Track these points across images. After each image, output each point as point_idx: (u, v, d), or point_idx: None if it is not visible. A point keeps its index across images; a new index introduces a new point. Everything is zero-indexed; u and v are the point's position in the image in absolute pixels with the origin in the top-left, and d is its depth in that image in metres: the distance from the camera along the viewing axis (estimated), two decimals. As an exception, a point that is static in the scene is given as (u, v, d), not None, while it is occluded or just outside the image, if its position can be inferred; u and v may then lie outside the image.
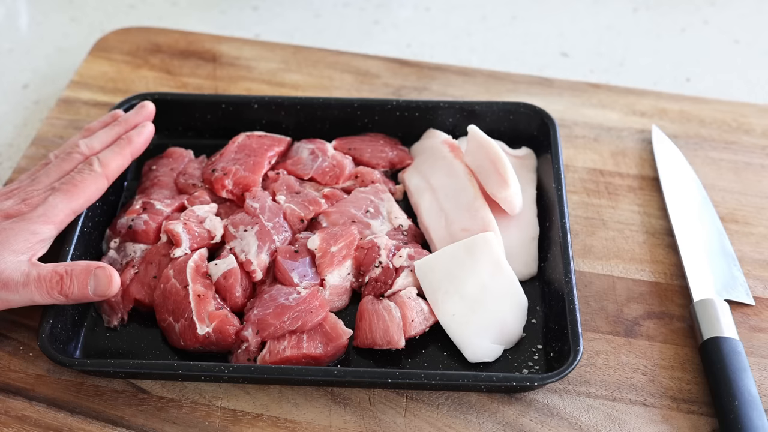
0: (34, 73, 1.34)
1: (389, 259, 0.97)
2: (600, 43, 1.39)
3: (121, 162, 1.01)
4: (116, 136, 1.03)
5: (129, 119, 1.06)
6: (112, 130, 1.04)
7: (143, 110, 1.07)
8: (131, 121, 1.05)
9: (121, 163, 1.01)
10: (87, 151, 1.00)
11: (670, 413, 0.90)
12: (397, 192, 1.08)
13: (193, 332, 0.91)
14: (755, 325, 0.97)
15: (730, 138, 1.17)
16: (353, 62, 1.28)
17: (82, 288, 0.90)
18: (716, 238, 1.04)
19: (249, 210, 1.02)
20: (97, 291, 0.90)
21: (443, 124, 1.12)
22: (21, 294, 0.88)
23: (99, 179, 0.98)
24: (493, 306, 0.94)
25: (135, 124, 1.05)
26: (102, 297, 0.91)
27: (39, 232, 0.92)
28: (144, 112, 1.07)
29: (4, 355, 0.94)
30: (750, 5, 1.46)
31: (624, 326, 0.97)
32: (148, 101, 1.09)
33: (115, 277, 0.91)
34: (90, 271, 0.90)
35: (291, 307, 0.92)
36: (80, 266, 0.90)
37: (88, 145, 1.01)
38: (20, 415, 0.90)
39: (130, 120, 1.06)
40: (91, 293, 0.90)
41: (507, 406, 0.90)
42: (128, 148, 1.02)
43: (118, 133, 1.04)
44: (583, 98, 1.22)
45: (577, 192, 1.10)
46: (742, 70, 1.34)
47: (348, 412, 0.90)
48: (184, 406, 0.90)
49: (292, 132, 1.13)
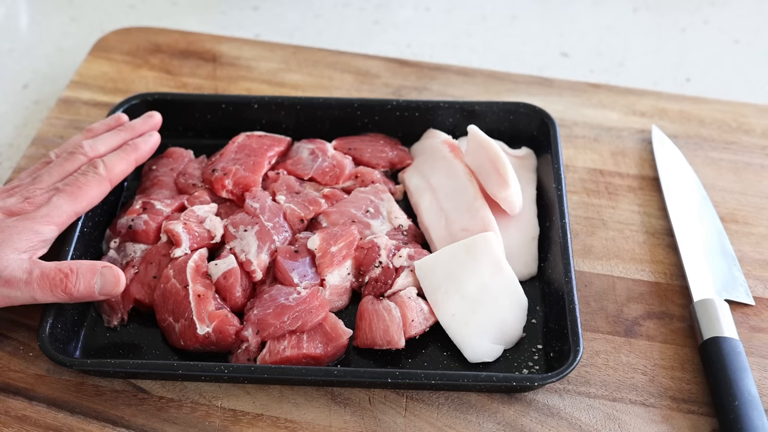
0: (34, 73, 1.34)
1: (389, 259, 0.97)
2: (600, 43, 1.39)
3: (126, 167, 1.01)
4: (122, 141, 1.03)
5: (136, 126, 1.06)
6: (117, 135, 1.04)
7: (151, 120, 1.07)
8: (138, 129, 1.06)
9: (125, 168, 1.01)
10: (91, 153, 1.00)
11: (670, 413, 0.90)
12: (397, 192, 1.08)
13: (193, 332, 0.91)
14: (755, 325, 0.97)
15: (730, 138, 1.17)
16: (353, 62, 1.28)
17: (88, 287, 0.89)
18: (716, 238, 1.04)
19: (249, 210, 1.02)
20: (104, 290, 0.90)
21: (443, 124, 1.12)
22: (23, 291, 0.88)
23: (103, 183, 0.98)
24: (493, 306, 0.94)
25: (141, 132, 1.05)
26: (107, 296, 0.91)
27: (42, 232, 0.92)
28: (151, 122, 1.07)
29: (4, 355, 0.94)
30: (750, 5, 1.46)
31: (624, 326, 0.97)
32: (156, 111, 1.09)
33: (122, 277, 0.91)
34: (96, 270, 0.90)
35: (291, 307, 0.92)
36: (86, 265, 0.90)
37: (92, 146, 1.01)
38: (20, 415, 0.90)
39: (137, 127, 1.06)
40: (97, 292, 0.90)
41: (507, 406, 0.90)
42: (134, 155, 1.02)
43: (124, 139, 1.04)
44: (583, 98, 1.22)
45: (577, 192, 1.10)
46: (742, 70, 1.34)
47: (348, 412, 0.90)
48: (184, 406, 0.90)
49: (292, 132, 1.13)
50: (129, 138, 1.04)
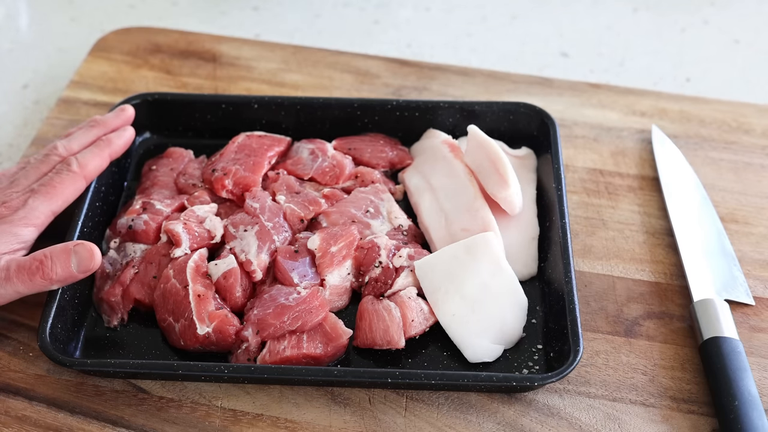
0: (34, 73, 1.34)
1: (389, 259, 0.97)
2: (600, 43, 1.39)
3: (100, 163, 1.01)
4: (94, 137, 1.03)
5: (108, 121, 1.05)
6: (90, 131, 1.04)
7: (123, 114, 1.07)
8: (110, 124, 1.05)
9: (99, 164, 1.01)
10: (65, 152, 1.00)
11: (670, 413, 0.90)
12: (397, 192, 1.08)
13: (193, 332, 0.91)
14: (755, 325, 0.97)
15: (730, 138, 1.17)
16: (353, 62, 1.28)
17: (65, 268, 0.90)
18: (716, 238, 1.04)
19: (249, 210, 1.02)
20: (81, 267, 0.91)
21: (443, 124, 1.12)
22: (6, 288, 0.89)
23: (77, 179, 0.98)
24: (493, 306, 0.94)
25: (114, 127, 1.05)
26: (87, 272, 0.92)
27: (21, 234, 0.93)
28: (123, 115, 1.07)
29: (4, 355, 0.94)
30: (750, 5, 1.46)
31: (624, 326, 0.97)
32: (129, 105, 1.09)
33: (96, 251, 0.92)
34: (69, 250, 0.91)
35: (291, 307, 0.92)
36: (59, 248, 0.91)
37: (65, 146, 1.01)
38: (20, 415, 0.90)
39: (109, 122, 1.05)
40: (75, 270, 0.91)
41: (507, 406, 0.90)
42: (107, 150, 1.02)
43: (97, 135, 1.04)
44: (583, 98, 1.22)
45: (577, 192, 1.10)
46: (742, 70, 1.34)
47: (348, 412, 0.90)
48: (184, 406, 0.90)
49: (292, 132, 1.13)
50: (102, 134, 1.04)
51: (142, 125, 1.12)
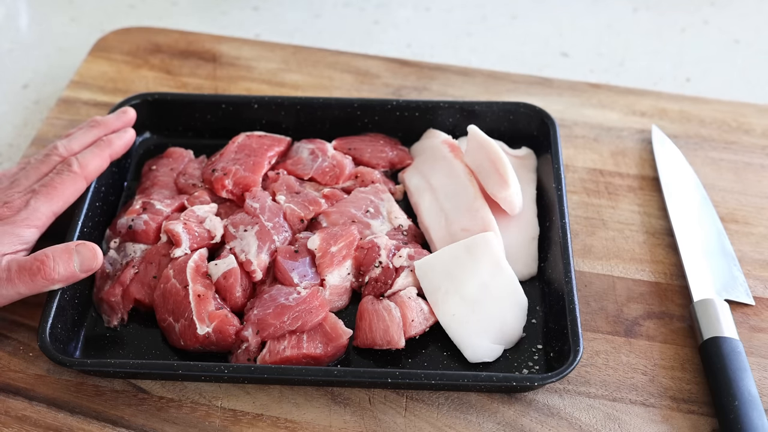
0: (34, 73, 1.34)
1: (389, 259, 0.97)
2: (600, 43, 1.39)
3: (100, 163, 1.01)
4: (95, 138, 1.04)
5: (108, 122, 1.06)
6: (90, 131, 1.04)
7: (124, 116, 1.07)
8: (111, 125, 1.06)
9: (99, 164, 1.01)
10: (65, 153, 1.01)
11: (670, 413, 0.90)
12: (397, 192, 1.08)
13: (193, 332, 0.91)
14: (755, 325, 0.97)
15: (730, 138, 1.17)
16: (353, 62, 1.28)
17: (67, 268, 0.90)
18: (716, 238, 1.04)
19: (249, 210, 1.02)
20: (83, 267, 0.92)
21: (443, 124, 1.12)
22: (7, 289, 0.89)
23: (78, 180, 0.98)
24: (493, 306, 0.94)
25: (115, 128, 1.06)
26: (89, 272, 0.92)
27: (23, 235, 0.93)
28: (125, 117, 1.07)
29: (4, 355, 0.94)
30: (750, 5, 1.46)
31: (624, 326, 0.97)
32: (130, 107, 1.09)
33: (98, 251, 0.93)
34: (71, 249, 0.91)
35: (291, 307, 0.92)
36: (60, 247, 0.91)
37: (66, 146, 1.01)
38: (20, 415, 0.90)
39: (110, 124, 1.06)
40: (77, 270, 0.91)
41: (507, 406, 0.90)
42: (107, 150, 1.02)
43: (97, 135, 1.04)
44: (583, 98, 1.22)
45: (577, 192, 1.10)
46: (742, 70, 1.34)
47: (348, 412, 0.90)
48: (184, 406, 0.90)
49: (292, 132, 1.13)
50: (102, 134, 1.04)
51: (142, 125, 1.12)
